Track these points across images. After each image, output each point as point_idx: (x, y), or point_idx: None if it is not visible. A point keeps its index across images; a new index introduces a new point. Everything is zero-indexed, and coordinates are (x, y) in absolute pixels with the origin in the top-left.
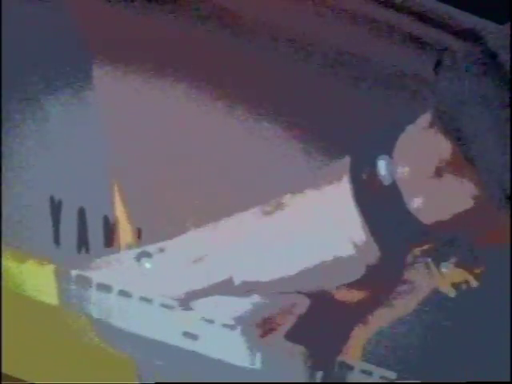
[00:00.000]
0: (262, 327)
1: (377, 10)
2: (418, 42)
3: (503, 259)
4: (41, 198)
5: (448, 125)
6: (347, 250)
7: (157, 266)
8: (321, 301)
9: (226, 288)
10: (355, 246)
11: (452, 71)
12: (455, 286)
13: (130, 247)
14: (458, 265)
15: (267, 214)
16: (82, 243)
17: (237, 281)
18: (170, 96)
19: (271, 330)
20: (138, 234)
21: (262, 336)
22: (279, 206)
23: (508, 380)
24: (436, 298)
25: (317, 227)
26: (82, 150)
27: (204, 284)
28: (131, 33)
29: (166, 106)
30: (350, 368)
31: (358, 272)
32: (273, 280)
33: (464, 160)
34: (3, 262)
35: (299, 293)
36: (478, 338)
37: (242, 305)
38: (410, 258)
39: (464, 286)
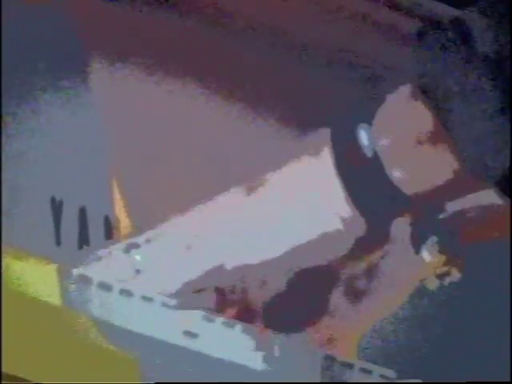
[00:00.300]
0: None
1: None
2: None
3: (503, 257)
4: (42, 199)
5: (429, 95)
6: (334, 225)
7: (147, 257)
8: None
9: (219, 275)
10: (342, 219)
11: (435, 41)
12: (438, 276)
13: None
14: (439, 251)
15: (250, 192)
16: (83, 242)
17: (228, 266)
18: (168, 94)
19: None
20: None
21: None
22: (262, 184)
23: (508, 380)
24: (436, 298)
25: (302, 203)
26: (82, 150)
27: (197, 273)
28: (129, 31)
29: (164, 104)
30: (350, 367)
31: (346, 245)
32: (264, 261)
33: (444, 131)
34: (4, 262)
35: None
36: (478, 337)
37: None
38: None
39: (447, 278)
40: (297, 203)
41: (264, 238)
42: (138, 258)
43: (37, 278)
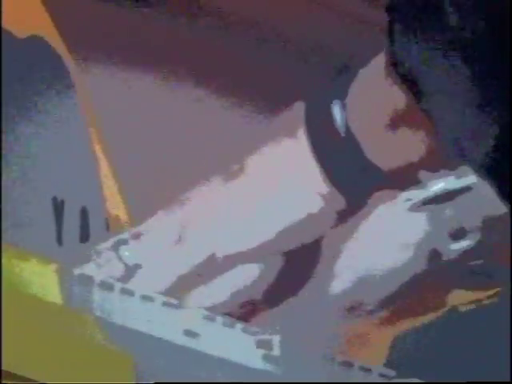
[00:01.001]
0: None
1: None
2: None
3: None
4: (44, 199)
5: (403, 74)
6: (317, 203)
7: (136, 252)
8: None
9: (210, 266)
10: (322, 197)
11: (406, 14)
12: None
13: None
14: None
15: (231, 178)
16: (85, 242)
17: (219, 255)
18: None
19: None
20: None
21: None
22: (241, 169)
23: (508, 380)
24: None
25: (283, 184)
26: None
27: (189, 265)
28: (125, 32)
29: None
30: (350, 365)
31: (330, 221)
32: (253, 247)
33: (419, 110)
34: (5, 261)
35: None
36: (477, 336)
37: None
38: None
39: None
40: (277, 185)
41: (251, 224)
42: (126, 253)
43: (37, 276)
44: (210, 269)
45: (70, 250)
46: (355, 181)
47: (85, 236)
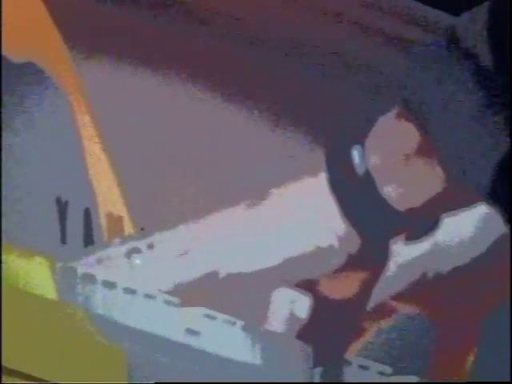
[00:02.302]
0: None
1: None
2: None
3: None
4: (48, 199)
5: (415, 114)
6: (328, 240)
7: (146, 261)
8: (319, 298)
9: (211, 281)
10: (336, 235)
11: (420, 63)
12: None
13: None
14: None
15: (251, 206)
16: (88, 242)
17: (222, 273)
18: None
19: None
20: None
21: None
22: (261, 199)
23: (508, 380)
24: None
25: (298, 218)
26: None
27: (190, 277)
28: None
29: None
30: (348, 363)
31: (339, 260)
32: (256, 271)
33: (431, 147)
34: (6, 259)
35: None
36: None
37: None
38: None
39: None
40: (293, 218)
41: (258, 249)
42: (138, 262)
43: (37, 274)
44: (209, 283)
45: (74, 249)
46: (372, 222)
47: (88, 236)
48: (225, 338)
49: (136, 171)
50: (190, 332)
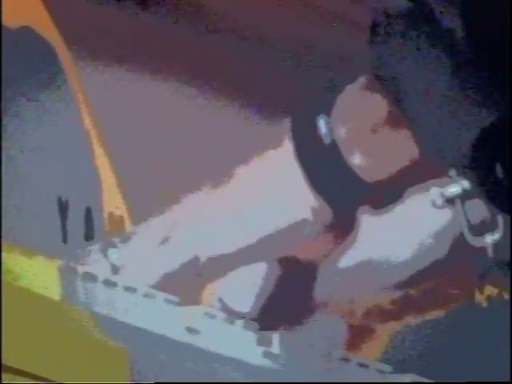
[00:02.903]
0: None
1: None
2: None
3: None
4: (49, 199)
5: (384, 84)
6: (302, 213)
7: (123, 254)
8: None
9: (193, 267)
10: (309, 208)
11: (387, 32)
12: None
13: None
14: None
15: (220, 186)
16: (89, 240)
17: (202, 258)
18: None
19: None
20: None
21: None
22: (229, 178)
23: (508, 380)
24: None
25: (270, 194)
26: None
27: (173, 266)
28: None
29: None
30: (347, 361)
31: (315, 232)
32: (235, 251)
33: (401, 119)
34: (5, 259)
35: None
36: (477, 334)
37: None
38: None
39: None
40: (264, 194)
41: (235, 229)
42: (114, 256)
43: (38, 273)
44: (192, 269)
45: (75, 248)
46: (342, 192)
47: (89, 235)
48: (224, 337)
49: (137, 170)
50: (190, 330)
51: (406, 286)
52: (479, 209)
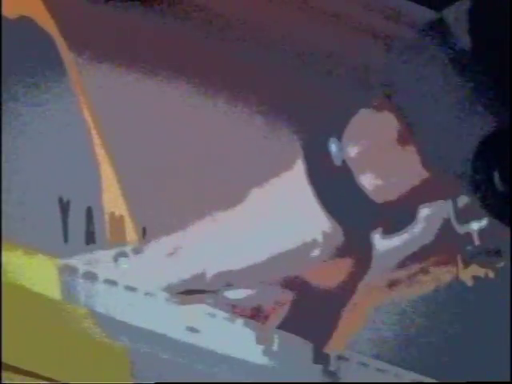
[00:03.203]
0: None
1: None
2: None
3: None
4: (50, 199)
5: (396, 106)
6: (313, 234)
7: (133, 264)
8: (304, 292)
9: (199, 281)
10: (319, 229)
11: (400, 56)
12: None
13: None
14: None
15: (234, 205)
16: (90, 240)
17: (209, 274)
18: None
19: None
20: (143, 232)
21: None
22: (242, 197)
23: (508, 380)
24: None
25: (280, 213)
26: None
27: (180, 279)
28: (121, 33)
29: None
30: (346, 359)
31: (325, 253)
32: (242, 268)
33: (410, 139)
34: (5, 258)
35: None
36: (477, 334)
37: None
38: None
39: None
40: (276, 215)
41: (243, 247)
42: (125, 266)
43: (38, 272)
44: (198, 283)
45: (76, 248)
46: (352, 214)
47: (90, 235)
48: (225, 336)
49: (138, 171)
50: (191, 330)
51: (396, 269)
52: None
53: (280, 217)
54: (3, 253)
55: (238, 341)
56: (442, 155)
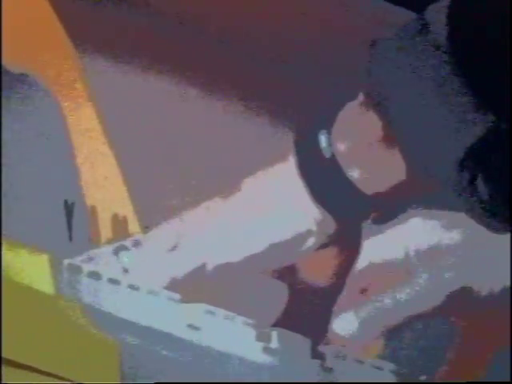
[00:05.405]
0: None
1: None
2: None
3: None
4: (53, 197)
5: (378, 106)
6: (306, 224)
7: (134, 259)
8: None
9: (200, 274)
10: (313, 219)
11: (384, 53)
12: None
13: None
14: None
15: (228, 196)
16: (92, 240)
17: (209, 266)
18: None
19: None
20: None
21: None
22: (237, 189)
23: (508, 380)
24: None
25: (274, 205)
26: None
27: (181, 272)
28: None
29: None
30: (344, 358)
31: (318, 241)
32: (241, 260)
33: (394, 136)
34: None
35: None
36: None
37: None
38: None
39: None
40: (270, 206)
41: (241, 238)
42: (126, 259)
43: (37, 270)
44: (199, 276)
45: (79, 247)
46: (342, 204)
47: (91, 234)
48: (225, 334)
49: (141, 170)
50: (192, 327)
51: None
52: None
53: (274, 207)
54: (3, 252)
55: (237, 338)
56: (425, 156)
